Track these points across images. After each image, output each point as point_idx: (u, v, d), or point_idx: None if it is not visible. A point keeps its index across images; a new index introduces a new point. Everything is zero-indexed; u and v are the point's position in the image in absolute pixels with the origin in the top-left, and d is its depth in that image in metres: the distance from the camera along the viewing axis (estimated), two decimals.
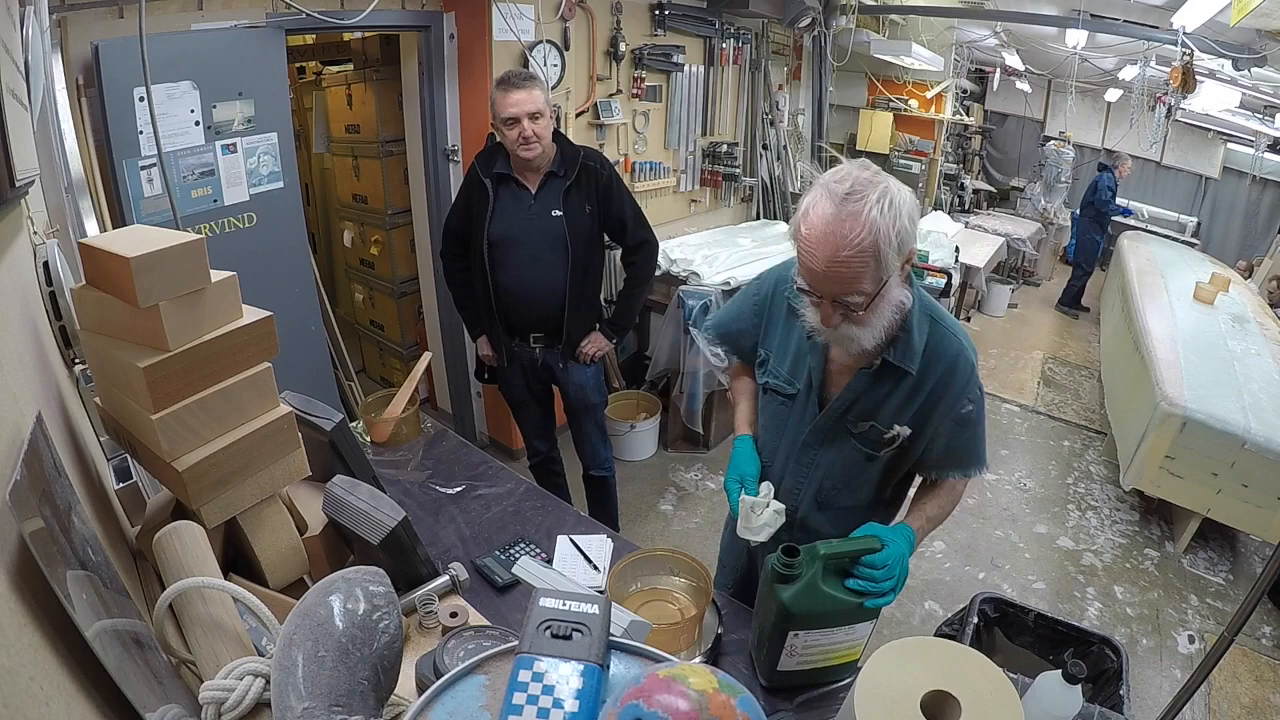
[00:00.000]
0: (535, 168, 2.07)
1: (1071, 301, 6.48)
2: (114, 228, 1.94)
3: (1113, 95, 7.14)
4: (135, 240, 0.84)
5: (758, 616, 1.18)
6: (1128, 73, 5.65)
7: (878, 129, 6.09)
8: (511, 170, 2.08)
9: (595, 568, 1.43)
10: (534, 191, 2.09)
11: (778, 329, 1.31)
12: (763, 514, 1.24)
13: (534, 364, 2.32)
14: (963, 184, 7.44)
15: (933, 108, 6.25)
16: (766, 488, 1.28)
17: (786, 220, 4.74)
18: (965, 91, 7.39)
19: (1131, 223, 7.35)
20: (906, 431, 1.21)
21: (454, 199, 2.34)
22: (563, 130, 2.58)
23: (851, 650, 1.15)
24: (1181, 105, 5.49)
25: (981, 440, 1.26)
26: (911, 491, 1.41)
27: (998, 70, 7.49)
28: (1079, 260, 6.52)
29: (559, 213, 2.08)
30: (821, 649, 1.13)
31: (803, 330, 1.21)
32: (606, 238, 2.27)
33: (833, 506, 1.34)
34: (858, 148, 6.25)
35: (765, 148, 4.59)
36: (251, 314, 0.95)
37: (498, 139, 2.09)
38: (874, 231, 0.98)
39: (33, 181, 1.07)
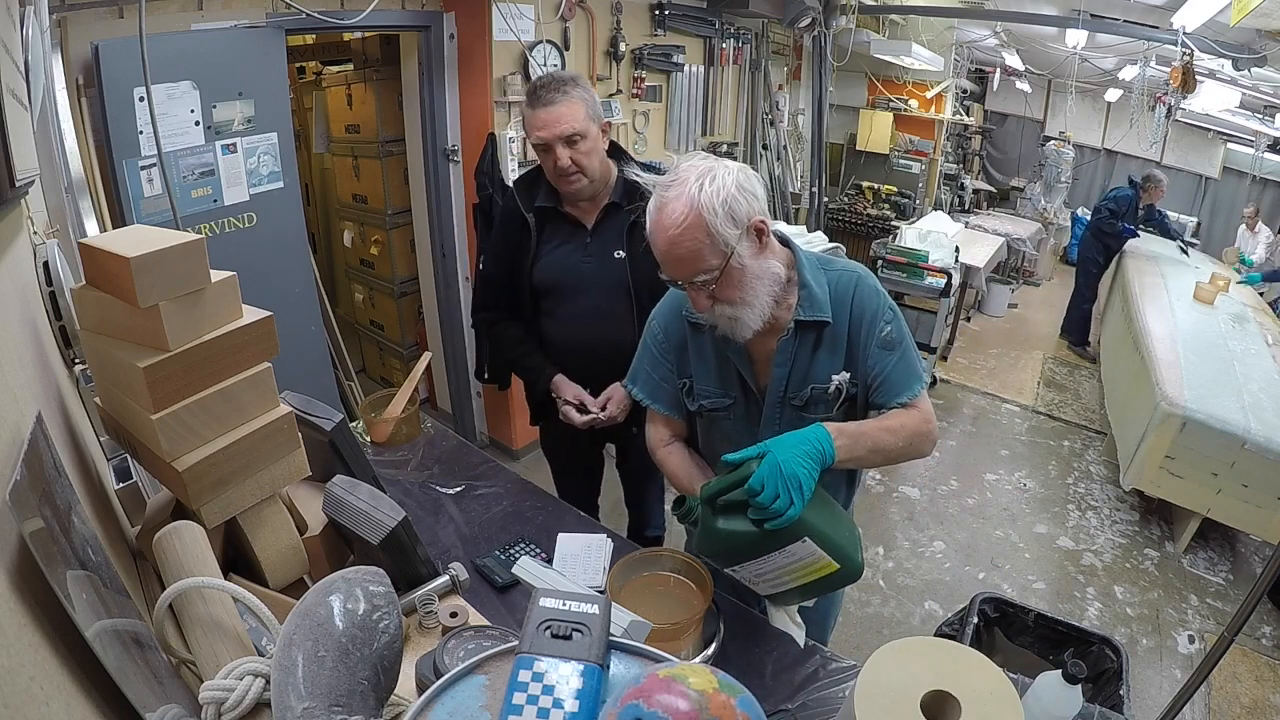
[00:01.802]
0: (588, 197, 1.63)
1: (1078, 333, 5.65)
2: (114, 228, 1.94)
3: (1113, 95, 7.15)
4: (135, 240, 0.84)
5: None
6: (1128, 73, 5.65)
7: (878, 129, 6.09)
8: (559, 203, 1.65)
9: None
10: (590, 227, 1.66)
11: (688, 352, 1.32)
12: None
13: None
14: (963, 184, 7.45)
15: (933, 108, 6.25)
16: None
17: (787, 220, 4.76)
18: (965, 91, 7.40)
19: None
20: (845, 377, 1.23)
21: (489, 238, 1.85)
22: None
23: (814, 565, 1.08)
24: (1181, 105, 5.49)
25: (912, 358, 1.24)
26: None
27: (998, 70, 7.49)
28: (1083, 287, 5.63)
29: (622, 254, 1.64)
30: (775, 573, 1.11)
31: (714, 342, 1.25)
32: None
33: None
34: (858, 148, 6.26)
35: (765, 148, 4.59)
36: (251, 314, 0.95)
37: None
38: (694, 206, 1.05)
39: (33, 181, 1.07)
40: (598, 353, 1.71)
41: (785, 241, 1.24)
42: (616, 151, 1.67)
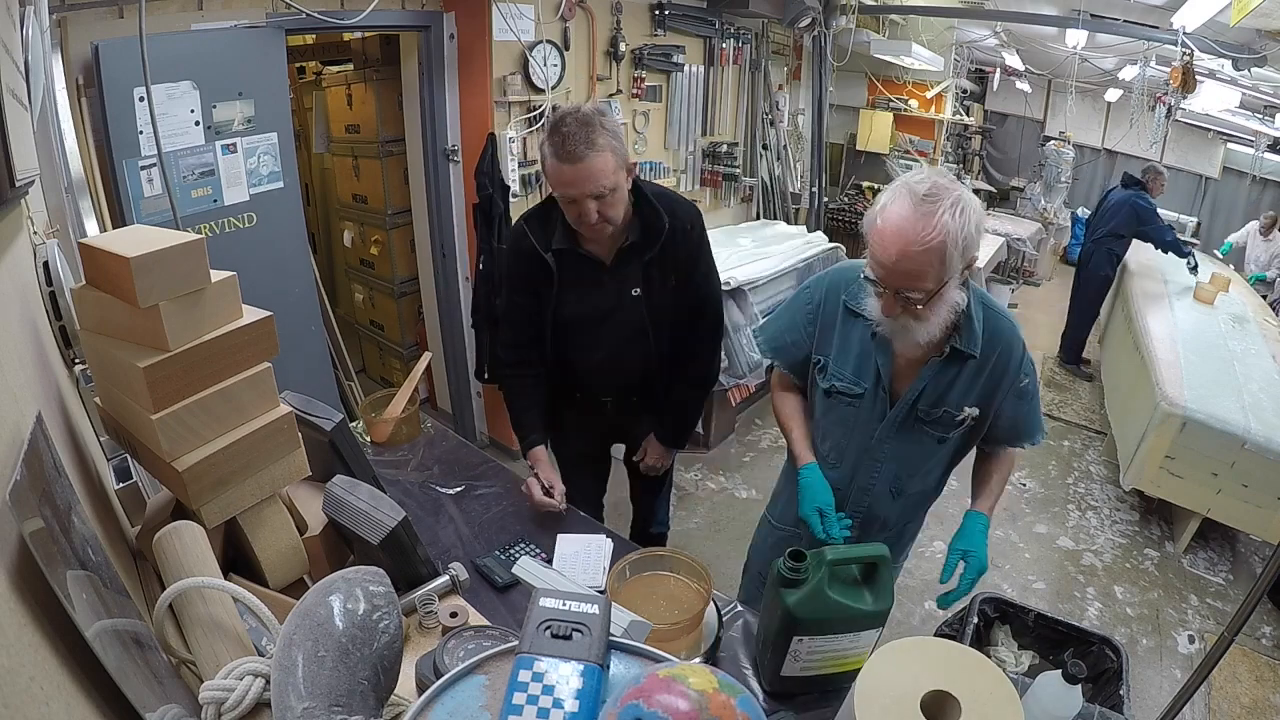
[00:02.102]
0: (608, 236, 1.58)
1: (1074, 355, 5.20)
2: (114, 228, 1.94)
3: (1113, 95, 7.15)
4: (135, 240, 0.84)
5: (762, 620, 1.18)
6: (1128, 73, 5.65)
7: (878, 129, 6.09)
8: (577, 244, 1.60)
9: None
10: (608, 264, 1.62)
11: (834, 333, 1.37)
12: None
13: (602, 421, 1.89)
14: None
15: (933, 108, 6.25)
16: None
17: (787, 220, 4.76)
18: (965, 91, 7.40)
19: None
20: (975, 411, 1.30)
21: (506, 283, 1.75)
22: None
23: (856, 658, 1.15)
24: (1181, 105, 5.49)
25: (1039, 409, 1.38)
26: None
27: (998, 70, 7.49)
28: (1083, 300, 5.00)
29: (638, 291, 1.63)
30: (825, 655, 1.12)
31: (865, 330, 1.30)
32: None
33: (904, 493, 1.42)
34: (858, 148, 6.26)
35: (765, 148, 4.59)
36: (251, 314, 0.95)
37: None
38: (944, 233, 1.07)
39: (33, 181, 1.07)
40: (616, 379, 1.76)
41: None
42: (637, 188, 1.59)
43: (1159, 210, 4.65)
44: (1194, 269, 4.54)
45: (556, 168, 1.43)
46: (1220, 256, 6.03)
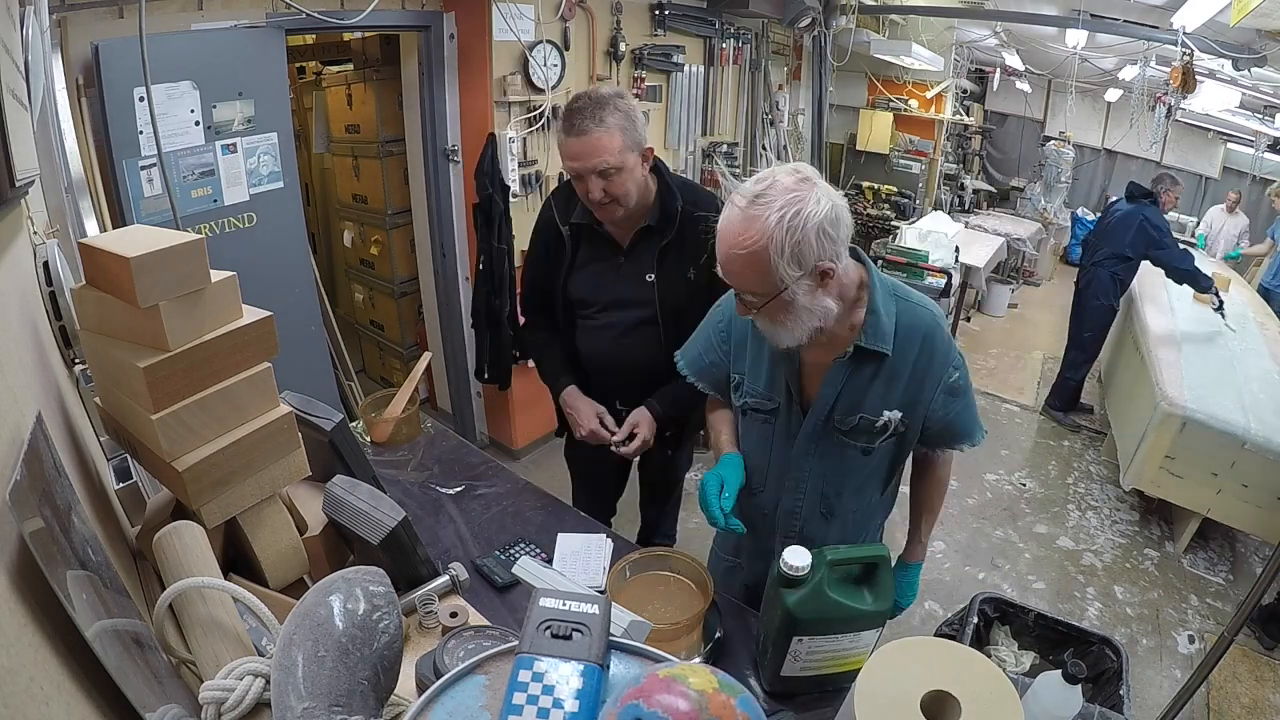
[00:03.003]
0: (624, 219, 1.59)
1: (1067, 402, 4.35)
2: (114, 228, 1.94)
3: (1113, 95, 7.15)
4: (135, 240, 0.84)
5: (762, 620, 1.18)
6: (1128, 73, 5.65)
7: (878, 129, 6.09)
8: (595, 222, 1.60)
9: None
10: (625, 247, 1.63)
11: (746, 348, 1.29)
12: None
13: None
14: (963, 184, 7.44)
15: (933, 108, 6.25)
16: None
17: None
18: (965, 91, 7.39)
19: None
20: (897, 415, 1.20)
21: (530, 243, 1.78)
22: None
23: (856, 658, 1.15)
24: (1181, 105, 5.49)
25: (974, 406, 1.26)
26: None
27: (998, 70, 7.49)
28: (1078, 333, 4.18)
29: (651, 278, 1.62)
30: (826, 655, 1.12)
31: (771, 343, 1.20)
32: None
33: (837, 514, 1.33)
34: (858, 148, 6.26)
35: (765, 148, 4.59)
36: (251, 314, 0.95)
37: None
38: (765, 240, 1.00)
39: (33, 181, 1.07)
40: (623, 369, 1.71)
41: (862, 259, 1.19)
42: (656, 169, 1.58)
43: (1171, 227, 3.88)
44: (1220, 308, 3.71)
45: (563, 141, 1.45)
46: (1231, 260, 5.96)
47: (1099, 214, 4.55)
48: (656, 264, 1.61)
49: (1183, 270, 3.69)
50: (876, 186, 6.16)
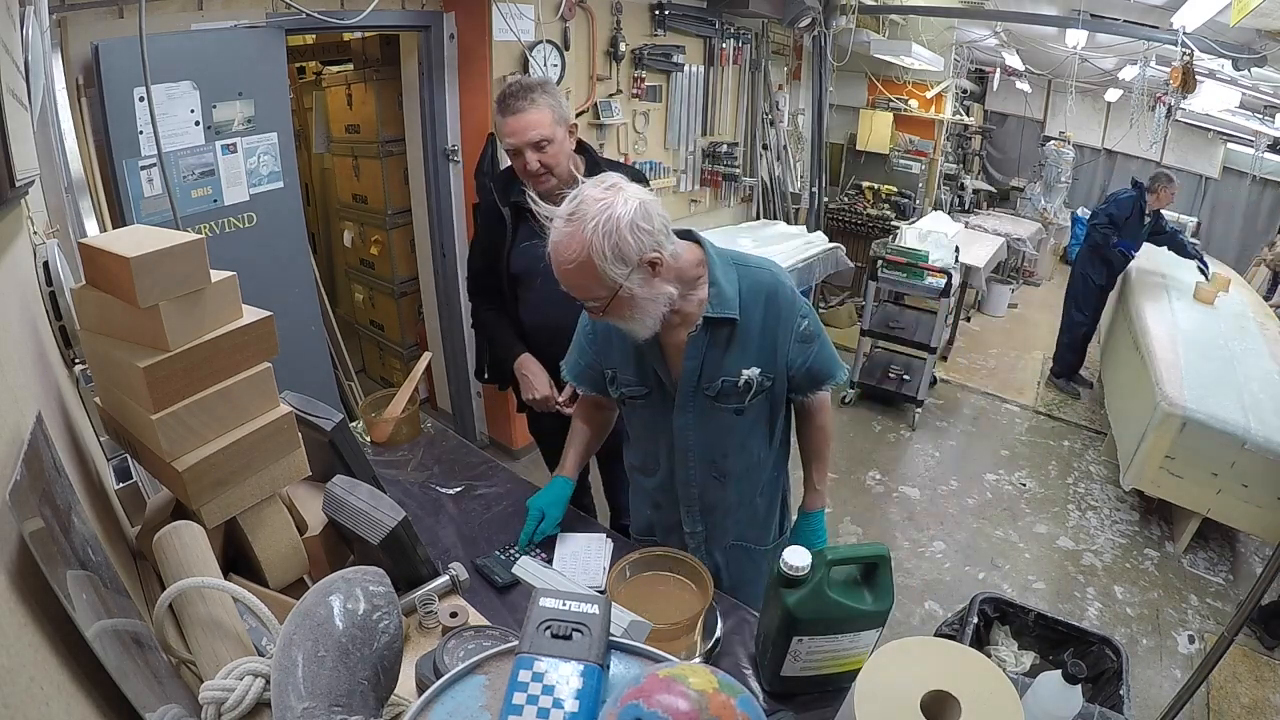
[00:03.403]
0: (556, 194, 1.75)
1: (1068, 371, 4.80)
2: (114, 228, 1.94)
3: (1113, 95, 7.15)
4: (135, 240, 0.84)
5: (762, 620, 1.19)
6: (1128, 73, 5.65)
7: (878, 129, 6.08)
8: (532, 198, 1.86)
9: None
10: None
11: (613, 344, 1.39)
12: None
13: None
14: (963, 184, 7.44)
15: (933, 108, 6.25)
16: None
17: (787, 220, 4.76)
18: (965, 91, 7.40)
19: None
20: (756, 372, 1.29)
21: (475, 231, 1.99)
22: None
23: (856, 658, 1.15)
24: (1181, 105, 5.49)
25: (830, 347, 1.38)
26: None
27: (998, 70, 7.49)
28: (1072, 309, 4.67)
29: None
30: (826, 655, 1.12)
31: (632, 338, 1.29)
32: None
33: (729, 474, 1.42)
34: (858, 148, 6.26)
35: (765, 148, 4.59)
36: (251, 314, 0.95)
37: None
38: (587, 249, 1.10)
39: (33, 181, 1.07)
40: (564, 335, 1.83)
41: (696, 239, 1.30)
42: (582, 148, 1.79)
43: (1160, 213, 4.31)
44: (1205, 271, 4.37)
45: (501, 121, 1.65)
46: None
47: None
48: None
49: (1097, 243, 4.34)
50: (876, 186, 6.16)
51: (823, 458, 1.52)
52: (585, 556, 1.46)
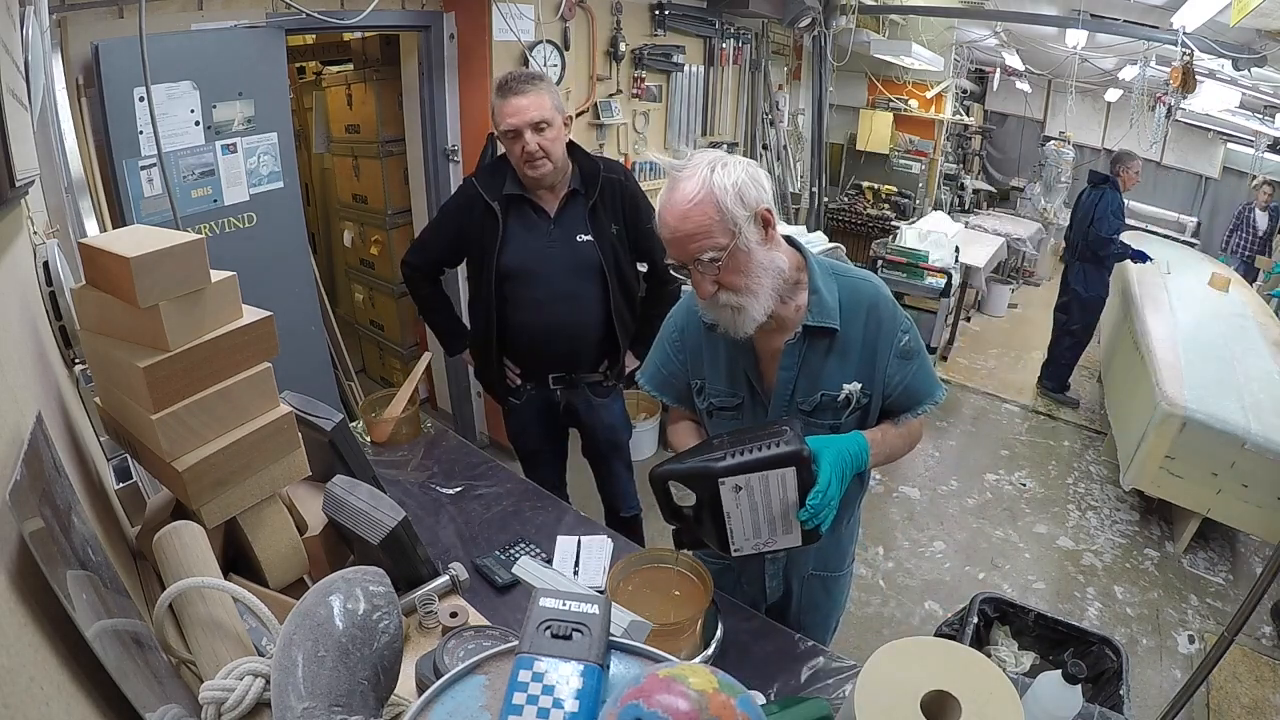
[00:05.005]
0: (550, 185, 1.77)
1: (1059, 382, 4.61)
2: (114, 228, 1.94)
3: (1113, 95, 7.15)
4: (135, 240, 0.84)
5: None
6: (1128, 73, 5.65)
7: (878, 129, 6.09)
8: (524, 190, 1.77)
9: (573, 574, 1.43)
10: (553, 214, 1.79)
11: (702, 352, 1.32)
12: None
13: (553, 408, 2.04)
14: (963, 184, 7.45)
15: (933, 108, 6.25)
16: None
17: (787, 220, 4.76)
18: (965, 91, 7.40)
19: (1132, 222, 6.56)
20: (857, 387, 1.22)
21: (436, 216, 1.99)
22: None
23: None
24: (1181, 105, 5.49)
25: (930, 366, 1.29)
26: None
27: (998, 70, 7.49)
28: (1072, 324, 4.43)
29: (587, 237, 1.79)
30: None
31: (726, 341, 1.23)
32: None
33: None
34: (858, 148, 6.26)
35: (765, 148, 4.59)
36: (251, 314, 0.95)
37: (503, 151, 1.78)
38: (707, 185, 1.07)
39: (33, 181, 1.07)
40: (561, 336, 1.87)
41: (796, 245, 1.24)
42: (572, 147, 1.80)
43: (1125, 205, 4.11)
44: (1134, 257, 4.15)
45: (501, 104, 1.65)
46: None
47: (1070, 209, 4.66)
48: (590, 224, 1.79)
49: (1107, 253, 4.08)
50: (876, 186, 6.16)
51: (895, 450, 1.31)
52: (585, 556, 1.46)
